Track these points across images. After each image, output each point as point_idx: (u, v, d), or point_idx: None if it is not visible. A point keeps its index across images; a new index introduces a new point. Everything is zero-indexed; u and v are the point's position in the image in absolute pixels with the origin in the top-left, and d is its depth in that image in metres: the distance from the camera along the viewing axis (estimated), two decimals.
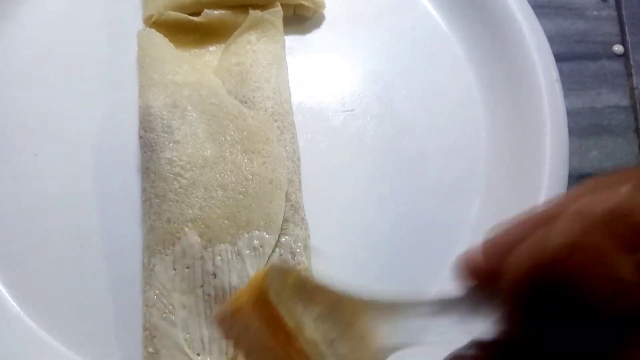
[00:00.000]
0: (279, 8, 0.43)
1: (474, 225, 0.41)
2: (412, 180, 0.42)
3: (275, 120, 0.40)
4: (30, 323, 0.38)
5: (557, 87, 0.41)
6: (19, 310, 0.38)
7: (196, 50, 0.44)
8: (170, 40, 0.43)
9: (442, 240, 0.41)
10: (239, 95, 0.41)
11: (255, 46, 0.42)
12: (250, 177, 0.38)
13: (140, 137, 0.40)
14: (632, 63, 0.49)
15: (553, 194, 0.39)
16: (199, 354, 0.36)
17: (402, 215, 0.41)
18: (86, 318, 0.38)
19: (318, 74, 0.45)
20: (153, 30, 0.42)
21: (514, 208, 0.40)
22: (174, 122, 0.39)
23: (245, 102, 0.40)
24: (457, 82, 0.45)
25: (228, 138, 0.39)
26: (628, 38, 0.50)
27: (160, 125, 0.39)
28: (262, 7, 0.43)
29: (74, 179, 0.41)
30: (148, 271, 0.37)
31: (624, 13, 0.50)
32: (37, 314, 0.38)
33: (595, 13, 0.51)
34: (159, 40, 0.42)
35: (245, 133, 0.39)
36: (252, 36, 0.43)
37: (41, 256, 0.39)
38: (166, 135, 0.39)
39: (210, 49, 0.44)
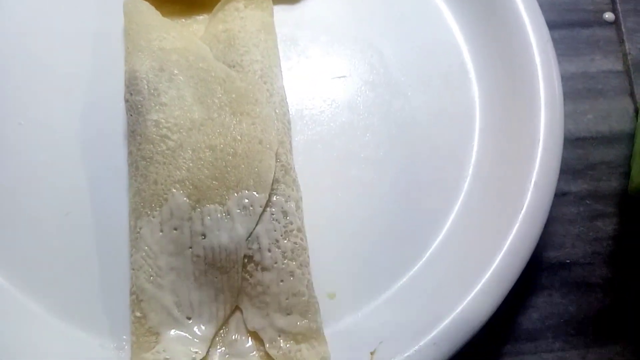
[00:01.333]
0: None
1: (468, 187, 0.40)
2: (406, 145, 0.41)
3: (265, 82, 0.39)
4: (14, 290, 0.37)
5: (549, 47, 0.41)
6: (2, 278, 0.37)
7: (183, 19, 0.43)
8: (157, 9, 0.43)
9: (436, 204, 0.40)
10: (227, 60, 0.40)
11: (242, 13, 0.42)
12: (239, 137, 0.37)
13: (126, 100, 0.39)
14: (623, 30, 0.49)
15: (548, 156, 0.38)
16: (188, 317, 0.35)
17: (397, 179, 0.41)
18: (72, 284, 0.37)
19: (308, 43, 0.44)
20: (142, 0, 0.42)
21: (507, 172, 0.39)
22: (161, 85, 0.38)
23: (234, 66, 0.40)
24: (448, 47, 0.44)
25: (216, 100, 0.38)
26: (619, 6, 0.50)
27: (146, 88, 0.38)
28: None
29: (59, 146, 0.40)
30: (134, 234, 0.36)
31: None
32: (21, 280, 0.37)
33: None
34: (145, 8, 0.41)
35: (233, 95, 0.39)
36: (239, 3, 0.42)
37: (27, 223, 0.38)
38: (153, 97, 0.38)
39: (197, 18, 0.44)
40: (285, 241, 0.36)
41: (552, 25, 0.47)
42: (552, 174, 0.37)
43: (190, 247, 0.36)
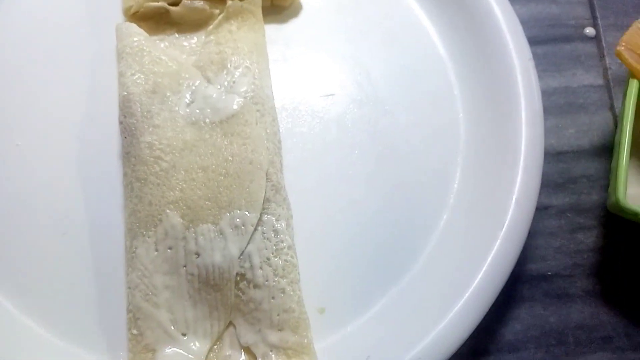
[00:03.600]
0: None
1: (452, 203, 0.42)
2: (392, 162, 0.42)
3: (256, 104, 0.41)
4: (12, 309, 0.38)
5: (531, 65, 0.42)
6: (1, 296, 0.38)
7: (175, 37, 0.44)
8: (149, 28, 0.44)
9: (422, 220, 0.41)
10: (220, 81, 0.41)
11: (235, 35, 0.43)
12: (231, 158, 0.39)
13: (120, 122, 0.40)
14: (604, 45, 0.50)
15: (529, 174, 0.40)
16: (184, 334, 0.36)
17: (384, 194, 0.42)
18: (70, 302, 0.38)
19: (297, 62, 0.46)
20: (132, 24, 0.43)
21: (490, 189, 0.40)
22: (154, 107, 0.39)
23: (226, 88, 0.41)
24: (433, 66, 0.45)
25: (208, 122, 0.40)
26: (599, 21, 0.51)
27: (139, 110, 0.39)
28: None
29: (56, 167, 0.41)
30: (130, 254, 0.37)
31: None
32: (19, 299, 0.38)
33: None
34: (138, 32, 0.42)
35: (224, 117, 0.40)
36: (232, 25, 0.43)
37: (24, 243, 0.39)
38: (146, 119, 0.39)
39: (189, 36, 0.44)
40: (276, 259, 0.37)
41: (535, 41, 0.49)
42: (532, 191, 0.39)
43: (185, 266, 0.37)
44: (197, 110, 0.40)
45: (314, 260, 0.40)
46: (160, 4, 0.43)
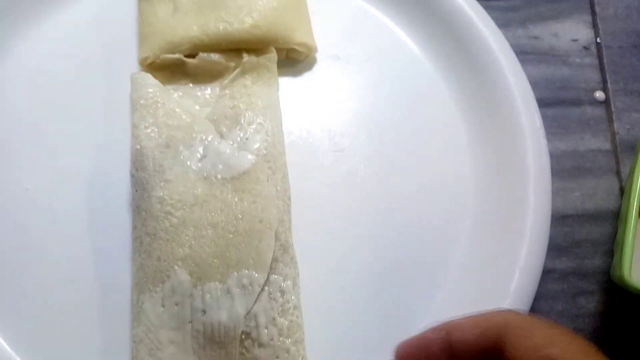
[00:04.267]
0: (274, 54, 0.44)
1: (460, 263, 0.42)
2: (401, 221, 0.43)
3: (268, 161, 0.41)
4: (15, 356, 0.38)
5: (541, 133, 0.43)
6: (5, 344, 0.38)
7: (189, 87, 0.45)
8: (163, 78, 0.44)
9: (430, 278, 0.42)
10: (233, 136, 0.42)
11: (250, 90, 0.44)
12: (241, 216, 0.39)
13: (132, 175, 0.40)
14: (613, 109, 0.51)
15: (537, 234, 0.40)
16: None
17: (391, 254, 0.42)
18: (74, 353, 0.38)
19: (309, 115, 0.46)
20: (147, 74, 0.43)
21: (499, 247, 0.41)
22: (166, 162, 0.40)
23: (239, 144, 0.41)
24: (445, 126, 0.46)
25: (219, 177, 0.40)
26: (609, 85, 0.52)
27: (152, 164, 0.40)
28: (256, 51, 0.45)
29: (65, 213, 0.41)
30: (137, 308, 0.38)
31: (605, 61, 0.52)
32: (24, 346, 0.38)
33: (578, 60, 0.53)
34: (153, 83, 0.43)
35: (236, 173, 0.40)
36: (247, 80, 0.44)
37: (30, 290, 0.39)
38: (157, 174, 0.39)
39: (203, 87, 0.45)
40: (282, 319, 0.38)
41: (545, 103, 0.49)
42: (538, 259, 0.39)
43: (191, 322, 0.37)
44: (209, 166, 0.40)
45: (319, 318, 0.40)
46: (176, 56, 0.44)
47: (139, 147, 0.40)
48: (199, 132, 0.41)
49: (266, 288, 0.38)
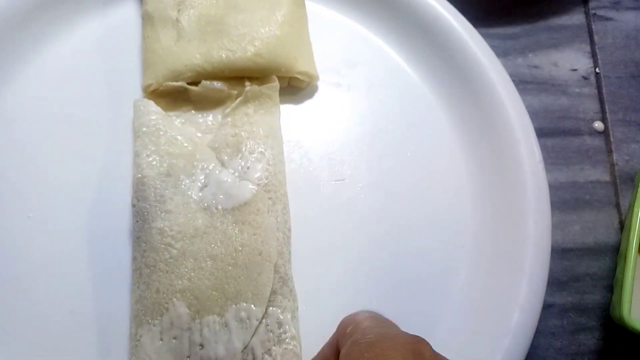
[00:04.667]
0: (276, 83, 0.44)
1: (460, 294, 0.42)
2: (400, 253, 0.43)
3: (268, 191, 0.41)
4: None
5: (540, 167, 0.43)
6: None
7: (192, 114, 0.45)
8: (166, 104, 0.44)
9: (428, 312, 0.42)
10: (234, 165, 0.42)
11: (252, 118, 0.43)
12: (240, 248, 0.39)
13: (133, 205, 0.40)
14: (612, 140, 0.51)
15: (537, 270, 0.40)
16: None
17: (390, 286, 0.42)
18: None
19: (310, 143, 0.46)
20: (149, 101, 0.43)
21: (498, 283, 0.41)
22: (167, 191, 0.40)
23: (240, 173, 0.41)
24: (444, 156, 0.46)
25: (220, 208, 0.40)
26: (608, 115, 0.52)
27: (153, 194, 0.40)
28: (259, 79, 0.45)
29: (66, 242, 0.41)
30: (135, 342, 0.37)
31: (604, 91, 0.53)
32: None
33: (577, 90, 0.53)
34: (155, 110, 0.43)
35: (237, 204, 0.40)
36: (249, 108, 0.44)
37: (30, 320, 0.39)
38: (158, 204, 0.39)
39: (205, 114, 0.45)
40: (277, 347, 0.38)
41: (544, 133, 0.50)
42: (537, 300, 0.39)
43: (188, 357, 0.37)
44: (210, 195, 0.40)
45: (318, 349, 0.40)
46: (179, 84, 0.44)
47: (140, 175, 0.40)
48: (200, 161, 0.41)
49: (264, 320, 0.38)
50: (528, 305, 0.39)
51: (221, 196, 0.40)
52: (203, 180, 0.41)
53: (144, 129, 0.42)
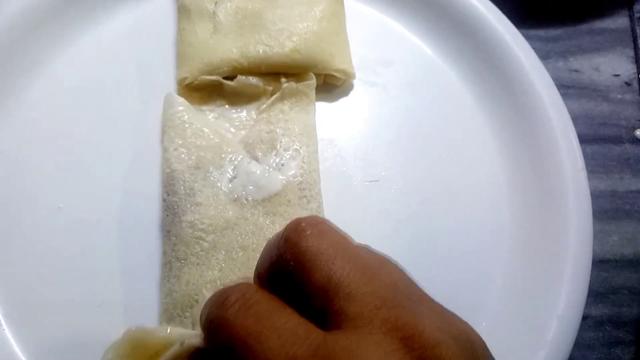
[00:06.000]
0: (313, 80, 0.43)
1: (496, 302, 0.41)
2: (435, 259, 0.42)
3: (303, 189, 0.40)
4: None
5: (583, 175, 0.42)
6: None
7: (225, 109, 0.44)
8: (200, 98, 0.44)
9: (464, 315, 0.40)
10: (268, 161, 0.41)
11: (287, 115, 0.43)
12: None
13: (163, 200, 0.40)
14: None
15: (577, 281, 0.39)
16: None
17: (425, 289, 0.41)
18: None
19: (343, 142, 0.45)
20: (175, 95, 0.43)
21: (537, 293, 0.39)
22: (197, 184, 0.39)
23: (274, 169, 0.41)
24: (482, 160, 0.45)
25: (250, 199, 0.39)
26: None
27: (182, 188, 0.39)
28: (294, 75, 0.44)
29: (95, 235, 0.41)
30: None
31: None
32: None
33: (619, 96, 0.52)
34: (181, 103, 0.42)
35: (267, 195, 0.39)
36: (285, 105, 0.43)
37: (57, 311, 0.39)
38: (188, 198, 0.39)
39: (239, 109, 0.44)
40: None
41: (585, 140, 0.48)
42: (576, 311, 0.38)
43: None
44: (240, 187, 0.40)
45: None
46: (215, 78, 0.43)
47: (169, 170, 0.40)
48: (228, 153, 0.41)
49: None
50: (567, 317, 0.38)
51: (251, 187, 0.40)
52: (232, 172, 0.40)
53: (169, 123, 0.42)
